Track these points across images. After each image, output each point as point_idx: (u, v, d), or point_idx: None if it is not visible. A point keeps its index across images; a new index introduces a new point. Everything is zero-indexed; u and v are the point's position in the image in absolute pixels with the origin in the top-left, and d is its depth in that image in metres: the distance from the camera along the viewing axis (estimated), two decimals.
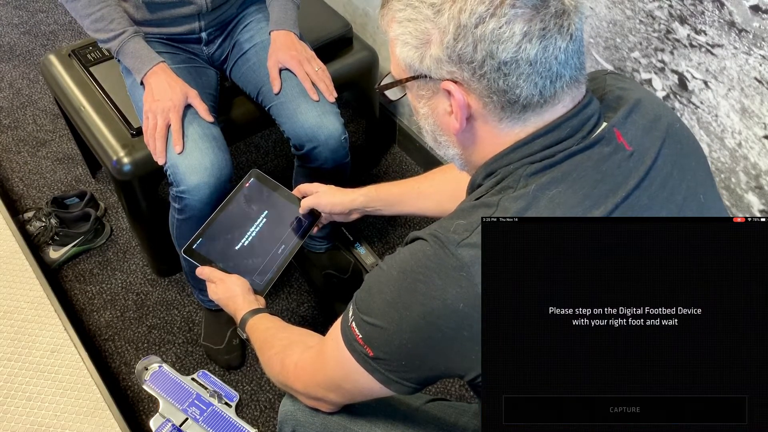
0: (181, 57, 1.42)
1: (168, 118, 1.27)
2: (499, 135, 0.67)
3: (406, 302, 0.65)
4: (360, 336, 0.70)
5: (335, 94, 1.40)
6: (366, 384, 0.72)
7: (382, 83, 0.73)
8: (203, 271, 1.11)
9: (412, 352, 0.67)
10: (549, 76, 0.62)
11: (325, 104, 1.37)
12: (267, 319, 1.00)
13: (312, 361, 0.82)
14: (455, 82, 0.65)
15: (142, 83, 1.33)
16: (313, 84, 1.37)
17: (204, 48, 1.48)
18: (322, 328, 1.65)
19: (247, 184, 1.22)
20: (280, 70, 1.38)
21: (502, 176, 0.67)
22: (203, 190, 1.28)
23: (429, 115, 0.71)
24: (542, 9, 0.60)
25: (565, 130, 0.65)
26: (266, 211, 1.20)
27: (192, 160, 1.27)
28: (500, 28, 0.60)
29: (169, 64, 1.34)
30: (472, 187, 0.72)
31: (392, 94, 0.74)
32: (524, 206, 0.63)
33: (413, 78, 0.68)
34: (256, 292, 1.10)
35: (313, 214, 1.21)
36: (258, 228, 1.19)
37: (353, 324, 0.70)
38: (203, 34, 1.44)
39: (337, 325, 0.75)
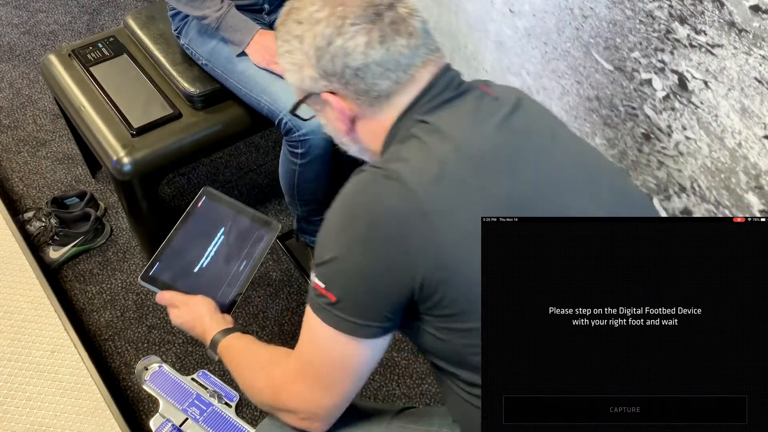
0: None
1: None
2: (381, 121, 0.80)
3: (350, 218, 0.73)
4: (322, 285, 0.74)
5: None
6: (340, 349, 0.75)
7: (290, 108, 0.88)
8: (164, 296, 1.05)
9: (368, 272, 0.72)
10: (400, 68, 0.77)
11: None
12: (241, 339, 0.95)
13: (294, 361, 0.81)
14: (333, 93, 0.79)
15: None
16: None
17: (266, 17, 1.54)
18: None
19: (200, 204, 1.18)
20: None
21: (404, 128, 0.79)
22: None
23: (327, 124, 0.87)
24: (378, 21, 0.75)
25: (439, 87, 0.79)
26: (223, 229, 1.17)
27: None
28: (346, 43, 0.75)
29: None
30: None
31: (304, 114, 0.89)
32: (415, 132, 0.76)
33: (306, 97, 0.83)
34: (221, 312, 1.05)
35: (272, 227, 1.18)
36: (216, 247, 1.14)
37: (315, 280, 0.75)
38: (265, 5, 1.52)
39: (307, 306, 0.79)
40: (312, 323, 0.77)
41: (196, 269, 1.11)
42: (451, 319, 0.73)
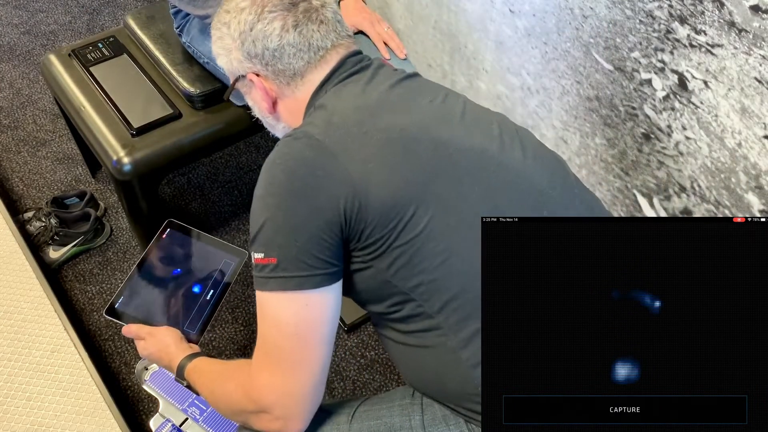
0: None
1: None
2: (298, 99, 0.91)
3: (270, 181, 0.80)
4: (261, 255, 0.79)
5: (405, 51, 1.48)
6: (294, 311, 0.78)
7: (224, 94, 1.00)
8: (130, 329, 1.07)
9: (298, 220, 0.77)
10: (311, 50, 0.88)
11: (397, 61, 1.48)
12: (207, 361, 0.96)
13: (257, 352, 0.82)
14: (257, 75, 0.90)
15: None
16: (385, 44, 1.48)
17: None
18: None
19: (164, 236, 1.19)
20: (354, 34, 1.48)
21: (316, 102, 0.88)
22: None
23: (254, 105, 0.97)
24: (293, 9, 0.87)
25: (348, 65, 0.90)
26: (189, 259, 1.18)
27: None
28: (265, 27, 0.86)
29: None
30: None
31: (236, 100, 1.01)
32: (322, 102, 0.86)
33: (236, 81, 0.93)
34: (189, 341, 1.07)
35: (239, 255, 1.19)
36: (182, 277, 1.15)
37: (254, 256, 0.80)
38: None
39: (256, 295, 0.82)
40: (262, 303, 0.80)
41: (162, 300, 1.12)
42: (374, 247, 0.79)
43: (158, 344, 1.03)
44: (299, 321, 0.79)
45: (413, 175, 0.79)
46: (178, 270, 1.16)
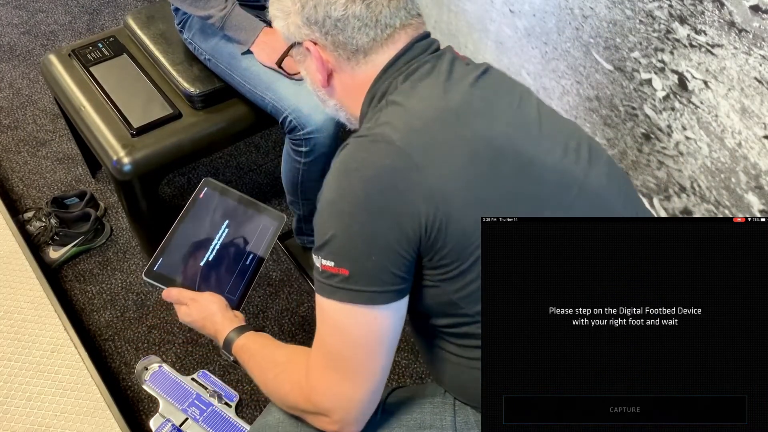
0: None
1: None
2: (357, 78, 0.84)
3: (345, 187, 0.75)
4: (331, 263, 0.74)
5: None
6: (363, 324, 0.75)
7: (277, 60, 0.95)
8: (171, 293, 1.01)
9: (374, 233, 0.73)
10: (378, 26, 0.81)
11: None
12: (256, 340, 0.92)
13: (318, 356, 0.79)
14: (314, 44, 0.83)
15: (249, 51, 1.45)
16: None
17: (268, 14, 1.55)
18: None
19: (201, 195, 1.13)
20: None
21: (382, 91, 0.82)
22: (330, 126, 1.35)
23: (306, 76, 0.91)
24: None
25: (417, 51, 0.83)
26: (227, 221, 1.12)
27: (313, 99, 1.30)
28: None
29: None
30: (363, 119, 0.85)
31: (290, 69, 0.96)
32: (394, 98, 0.79)
33: (290, 48, 0.88)
34: (231, 307, 1.02)
35: (277, 218, 1.15)
36: (221, 240, 1.10)
37: (322, 262, 0.75)
38: (267, 2, 1.52)
39: (317, 297, 0.78)
40: (328, 310, 0.76)
41: (201, 263, 1.07)
42: (446, 269, 0.76)
43: (203, 311, 0.98)
44: (366, 333, 0.76)
45: (497, 199, 0.75)
46: (217, 232, 1.10)
